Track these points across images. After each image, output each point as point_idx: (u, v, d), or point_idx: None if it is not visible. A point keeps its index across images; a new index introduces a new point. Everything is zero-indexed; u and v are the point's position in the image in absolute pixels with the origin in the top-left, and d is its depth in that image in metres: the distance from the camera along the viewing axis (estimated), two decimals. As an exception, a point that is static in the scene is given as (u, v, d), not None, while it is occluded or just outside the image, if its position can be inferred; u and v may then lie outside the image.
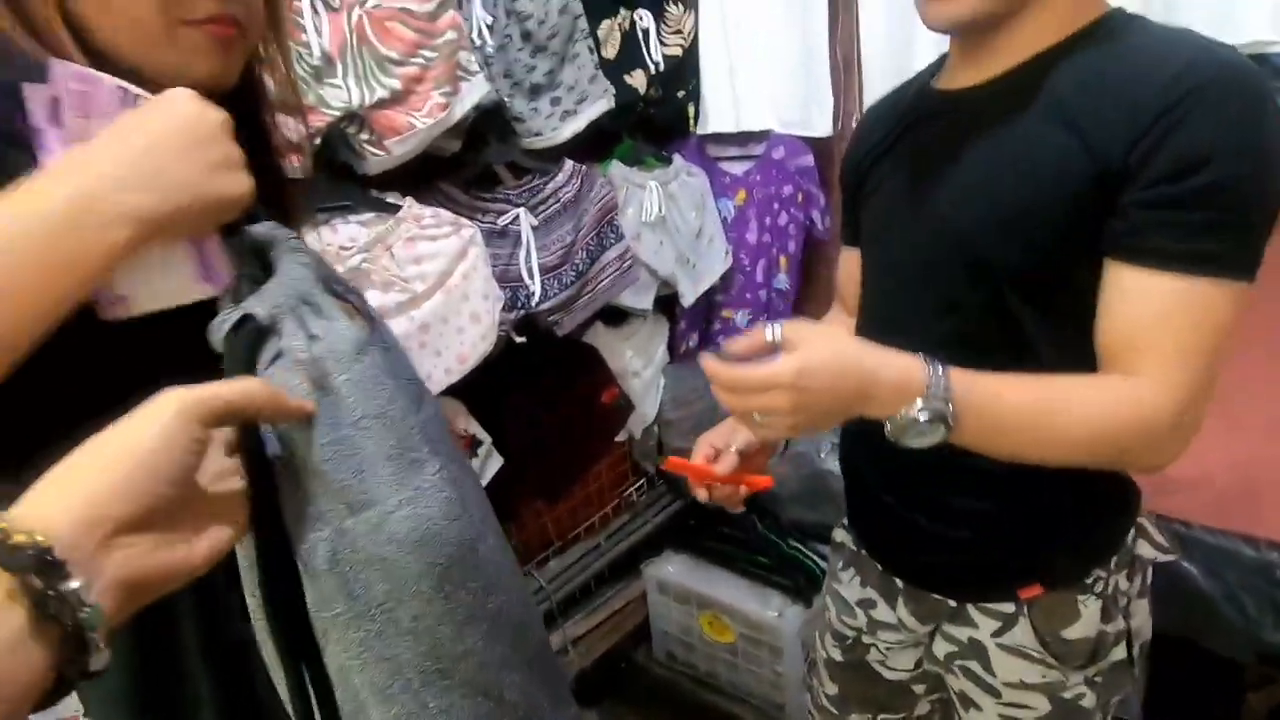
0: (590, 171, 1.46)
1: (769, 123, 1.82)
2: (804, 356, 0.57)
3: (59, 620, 0.29)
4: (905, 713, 0.97)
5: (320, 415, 0.41)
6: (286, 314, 0.42)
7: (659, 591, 1.74)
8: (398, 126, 1.13)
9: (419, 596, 0.43)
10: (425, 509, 0.43)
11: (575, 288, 1.43)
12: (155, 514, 0.34)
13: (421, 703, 0.43)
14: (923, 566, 0.83)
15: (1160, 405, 0.60)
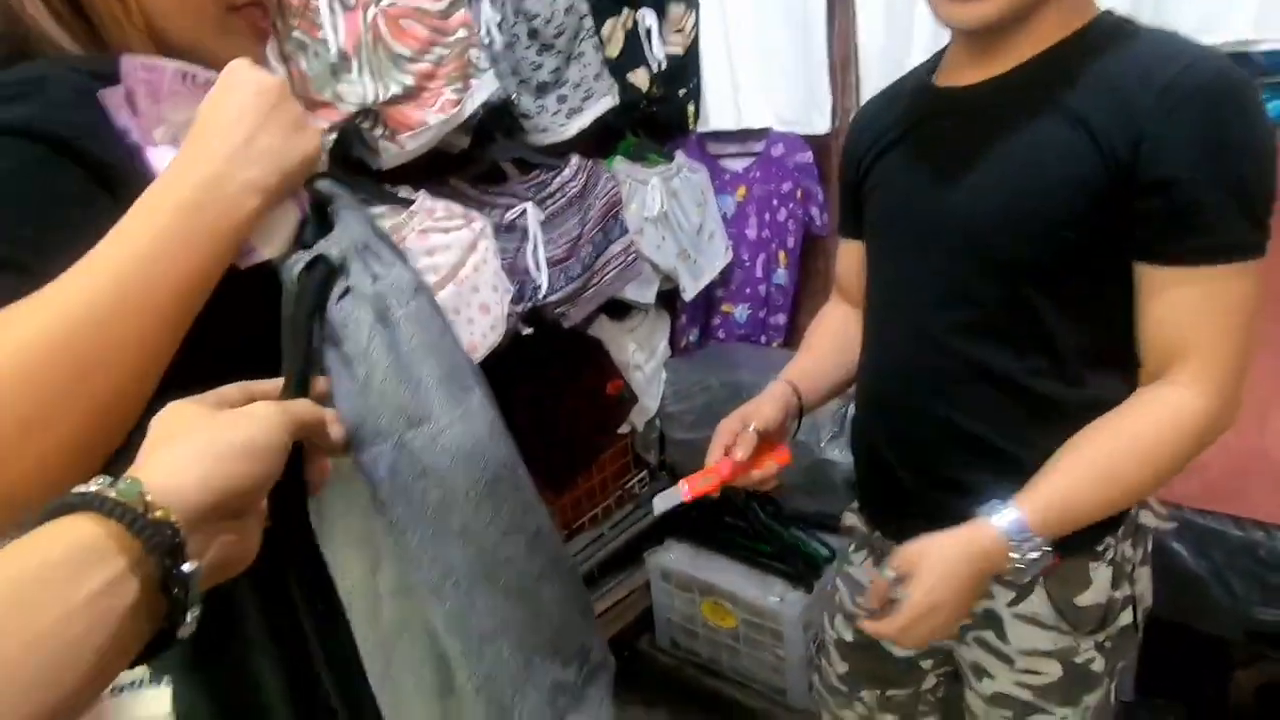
0: (596, 167, 1.49)
1: (768, 120, 1.85)
2: (924, 583, 0.69)
3: (170, 596, 0.30)
4: (913, 688, 1.00)
5: (383, 344, 0.46)
6: (353, 257, 0.47)
7: (662, 579, 1.77)
8: (411, 122, 1.16)
9: (467, 504, 0.48)
10: (474, 427, 0.48)
11: (581, 280, 1.47)
12: (246, 507, 0.36)
13: (470, 601, 0.48)
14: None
15: (1205, 408, 0.67)
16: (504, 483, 0.49)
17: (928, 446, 0.81)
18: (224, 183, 0.42)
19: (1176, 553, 1.20)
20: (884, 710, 1.01)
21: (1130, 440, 0.69)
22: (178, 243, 0.40)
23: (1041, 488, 0.69)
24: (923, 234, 0.78)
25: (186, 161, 0.42)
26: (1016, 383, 0.74)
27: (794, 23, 1.80)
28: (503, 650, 0.50)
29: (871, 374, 0.89)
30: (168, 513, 0.31)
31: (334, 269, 0.46)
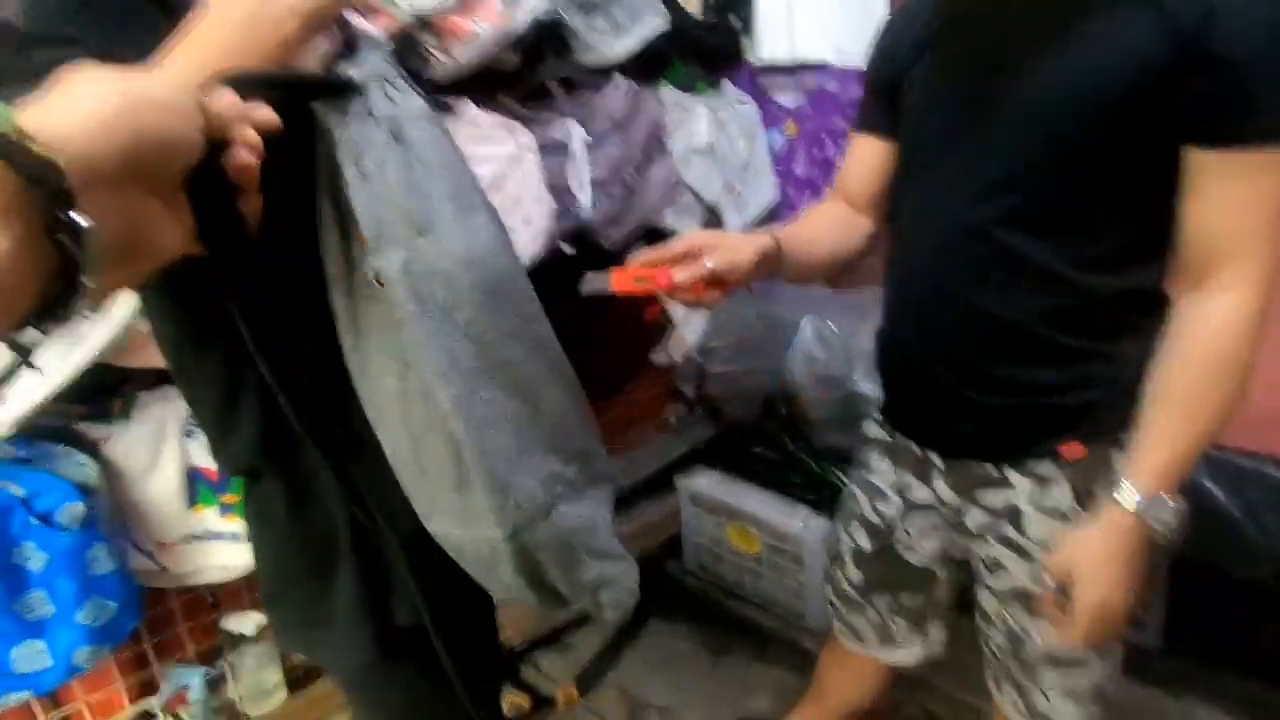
0: (642, 89, 1.51)
1: (825, 54, 1.82)
2: (1086, 585, 0.74)
3: (59, 247, 0.26)
4: (925, 594, 1.02)
5: (396, 159, 0.51)
6: (373, 82, 0.52)
7: (691, 504, 1.83)
8: (462, 32, 1.21)
9: (470, 304, 0.54)
10: (477, 240, 0.54)
11: (623, 202, 1.50)
12: (158, 176, 0.31)
13: (473, 389, 0.54)
14: (963, 437, 0.86)
15: (1257, 308, 0.69)
16: (506, 292, 0.55)
17: (966, 342, 0.82)
18: (270, 4, 0.47)
19: (1209, 492, 1.18)
20: (895, 615, 1.03)
21: (1202, 370, 0.70)
22: (230, 58, 0.45)
23: (1147, 454, 0.73)
24: (976, 119, 0.77)
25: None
26: (1059, 274, 0.75)
27: (853, -51, 1.75)
28: (500, 436, 0.56)
29: (905, 272, 0.88)
30: (49, 150, 0.25)
31: (355, 89, 0.52)
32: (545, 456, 0.59)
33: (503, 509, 0.56)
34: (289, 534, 0.65)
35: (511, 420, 0.56)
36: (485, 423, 0.55)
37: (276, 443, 0.60)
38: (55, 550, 0.94)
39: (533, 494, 0.58)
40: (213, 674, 1.29)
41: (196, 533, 1.13)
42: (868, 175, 0.91)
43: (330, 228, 0.55)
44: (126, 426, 1.06)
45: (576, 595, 0.63)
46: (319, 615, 0.66)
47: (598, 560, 0.63)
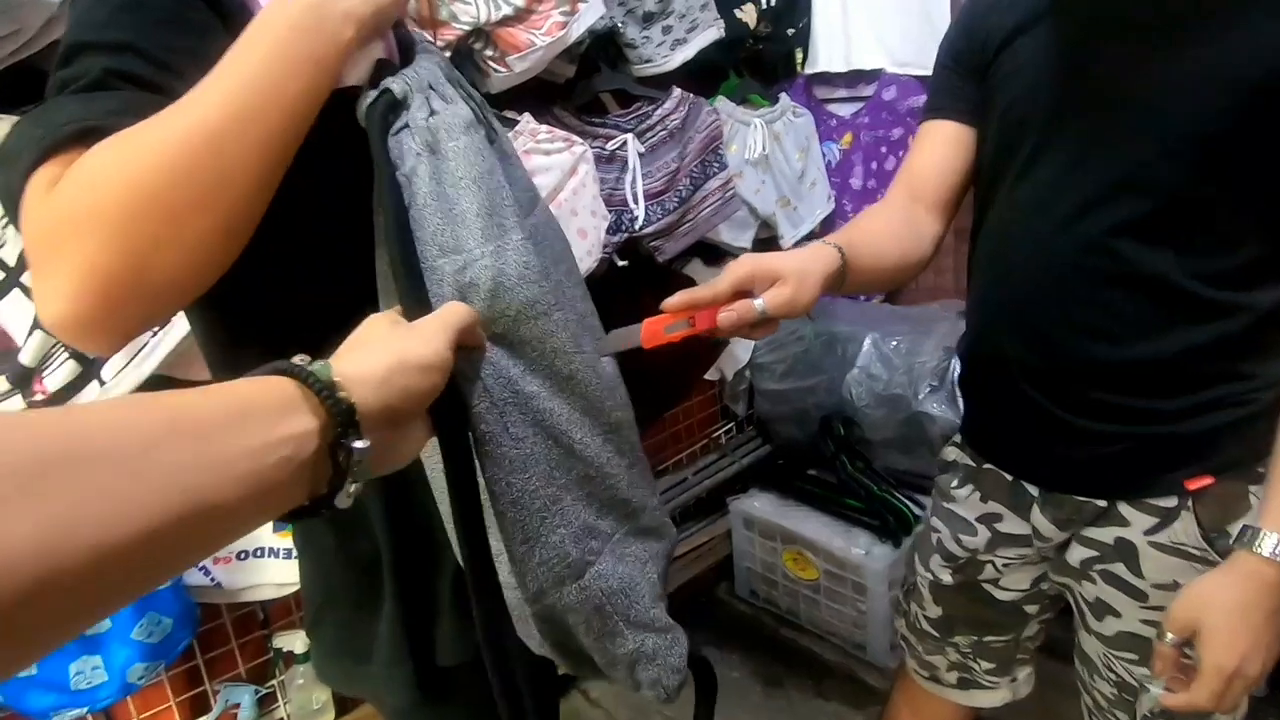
0: (697, 101, 1.48)
1: (880, 62, 1.77)
2: (1221, 640, 0.64)
3: (336, 464, 0.35)
4: (1013, 634, 0.93)
5: (428, 172, 0.48)
6: (415, 93, 0.49)
7: (744, 527, 1.76)
8: (519, 44, 1.19)
9: (490, 334, 0.49)
10: (503, 264, 0.49)
11: (678, 214, 1.46)
12: (409, 416, 0.41)
13: (503, 426, 0.49)
14: (1068, 467, 0.78)
15: None
16: (531, 323, 0.50)
17: (1074, 365, 0.73)
18: (325, 10, 0.45)
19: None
20: (980, 656, 0.95)
21: None
22: (285, 65, 0.43)
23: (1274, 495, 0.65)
24: (1092, 111, 0.69)
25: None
26: (1186, 289, 0.68)
27: (915, -43, 1.71)
28: (530, 481, 0.50)
29: (999, 283, 0.80)
30: (348, 395, 0.35)
31: (395, 102, 0.49)
32: (578, 506, 0.53)
33: (527, 564, 0.51)
34: (332, 560, 0.62)
35: (542, 462, 0.51)
36: (513, 465, 0.50)
37: None
38: (113, 564, 0.94)
39: (563, 550, 0.52)
40: (262, 692, 1.28)
41: (251, 549, 1.11)
42: (944, 168, 0.82)
43: (381, 241, 0.52)
44: (185, 440, 1.05)
45: (611, 669, 0.56)
46: (359, 648, 0.62)
47: (637, 632, 0.55)
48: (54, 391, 0.87)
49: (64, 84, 0.43)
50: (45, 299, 0.39)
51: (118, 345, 0.43)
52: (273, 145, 0.43)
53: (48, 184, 0.39)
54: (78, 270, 0.38)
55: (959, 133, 0.81)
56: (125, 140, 0.39)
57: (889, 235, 0.81)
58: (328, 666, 0.67)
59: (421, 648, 0.60)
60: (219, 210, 0.41)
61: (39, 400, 0.87)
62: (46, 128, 0.40)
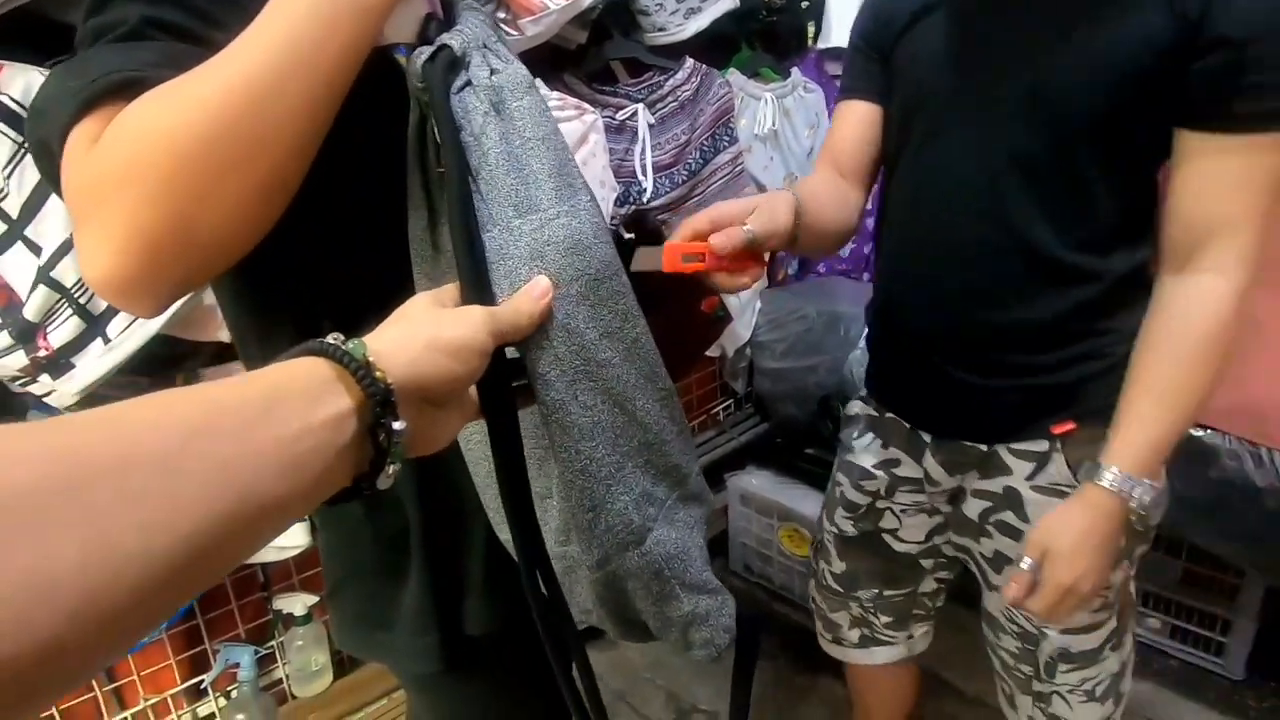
0: (709, 72, 1.46)
1: (894, 39, 1.75)
2: (1062, 560, 0.73)
3: (376, 444, 0.34)
4: (910, 587, 0.99)
5: (497, 133, 0.47)
6: (474, 50, 0.48)
7: (741, 504, 1.78)
8: (532, 6, 1.17)
9: (569, 297, 0.48)
10: (579, 224, 0.48)
11: (686, 188, 1.45)
12: (445, 397, 0.40)
13: (573, 394, 0.48)
14: (957, 415, 0.85)
15: (1237, 289, 0.68)
16: (606, 284, 0.49)
17: (963, 322, 0.80)
18: None
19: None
20: (880, 611, 1.01)
21: (1181, 351, 0.70)
22: (329, 13, 0.41)
23: (1125, 436, 0.72)
24: (979, 95, 0.75)
25: None
26: (1059, 257, 0.75)
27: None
28: (598, 449, 0.50)
29: (903, 245, 0.86)
30: (385, 375, 0.34)
31: (456, 58, 0.47)
32: (639, 473, 0.53)
33: (593, 532, 0.51)
34: (356, 528, 0.61)
35: (608, 430, 0.50)
36: (582, 433, 0.49)
37: None
38: (117, 523, 0.93)
39: (627, 516, 0.51)
40: (262, 653, 1.29)
41: (253, 511, 1.11)
42: (860, 144, 0.87)
43: (418, 206, 0.51)
44: (188, 401, 1.04)
45: (664, 632, 0.56)
46: (383, 617, 0.62)
47: (692, 594, 0.55)
48: (58, 347, 0.86)
49: (98, 32, 0.41)
50: (90, 257, 0.38)
51: (160, 308, 0.42)
52: (316, 100, 0.41)
53: (89, 139, 0.38)
54: (124, 227, 0.37)
55: (870, 112, 0.86)
56: (167, 94, 0.38)
57: (827, 199, 0.84)
58: (348, 633, 0.66)
59: (448, 617, 0.60)
60: (262, 167, 0.40)
61: (42, 356, 0.85)
62: (84, 80, 0.38)
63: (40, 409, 0.93)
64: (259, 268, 0.45)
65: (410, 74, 0.47)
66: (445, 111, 0.46)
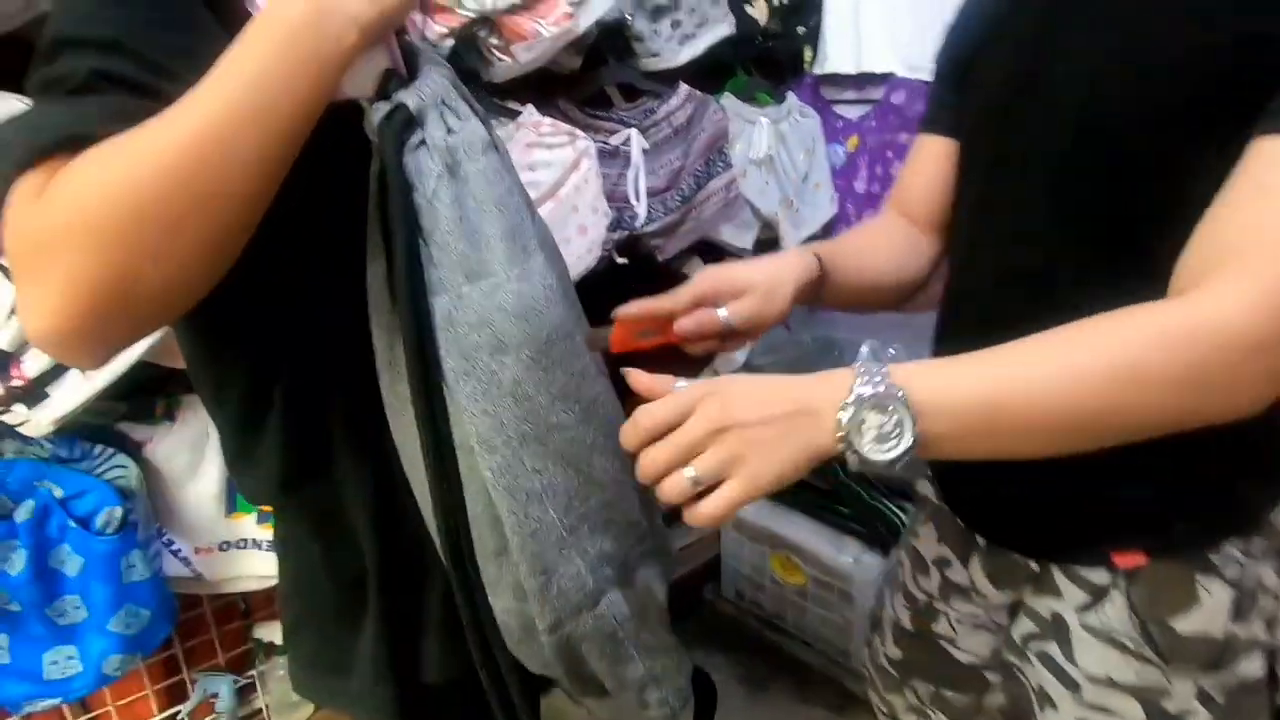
0: (704, 98, 1.46)
1: (891, 65, 1.75)
2: (711, 382, 0.47)
3: None
4: (972, 695, 0.82)
5: (449, 196, 0.46)
6: (430, 109, 0.47)
7: (733, 529, 1.76)
8: (525, 33, 1.16)
9: (520, 362, 0.47)
10: (529, 288, 0.48)
11: (680, 213, 1.44)
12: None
13: (519, 458, 0.48)
14: (1007, 518, 0.69)
15: (1237, 310, 0.44)
16: (558, 347, 0.49)
17: None
18: (330, 11, 0.42)
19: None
20: (938, 708, 0.86)
21: (1109, 328, 0.47)
22: (287, 67, 0.41)
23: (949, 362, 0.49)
24: (1031, 129, 0.62)
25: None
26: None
27: (930, -41, 1.69)
28: (549, 511, 0.49)
29: (951, 307, 0.74)
30: None
31: (411, 118, 0.46)
32: (596, 535, 0.52)
33: (545, 596, 0.50)
34: (315, 566, 0.60)
35: (560, 493, 0.49)
36: (531, 497, 0.48)
37: (302, 477, 0.55)
38: (91, 555, 0.91)
39: (580, 580, 0.51)
40: (241, 682, 1.26)
41: (233, 540, 1.09)
42: (931, 185, 0.75)
43: (375, 255, 0.50)
44: (169, 429, 1.03)
45: (620, 692, 0.56)
46: (339, 662, 0.60)
47: (647, 656, 0.55)
48: (33, 377, 0.84)
49: (48, 83, 0.40)
50: (30, 312, 0.37)
51: (102, 361, 0.41)
52: (270, 156, 0.40)
53: (33, 192, 0.37)
54: (67, 284, 0.36)
55: (943, 147, 0.74)
56: (117, 148, 0.37)
57: (882, 249, 0.75)
58: (304, 678, 0.65)
59: (406, 665, 0.59)
60: (212, 221, 0.39)
61: (16, 386, 0.84)
62: (32, 133, 0.38)
63: (14, 437, 0.91)
64: (213, 312, 0.44)
65: (368, 125, 0.47)
66: (397, 174, 0.45)
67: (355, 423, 0.54)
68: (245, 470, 0.57)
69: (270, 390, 0.53)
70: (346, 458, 0.55)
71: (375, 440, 0.54)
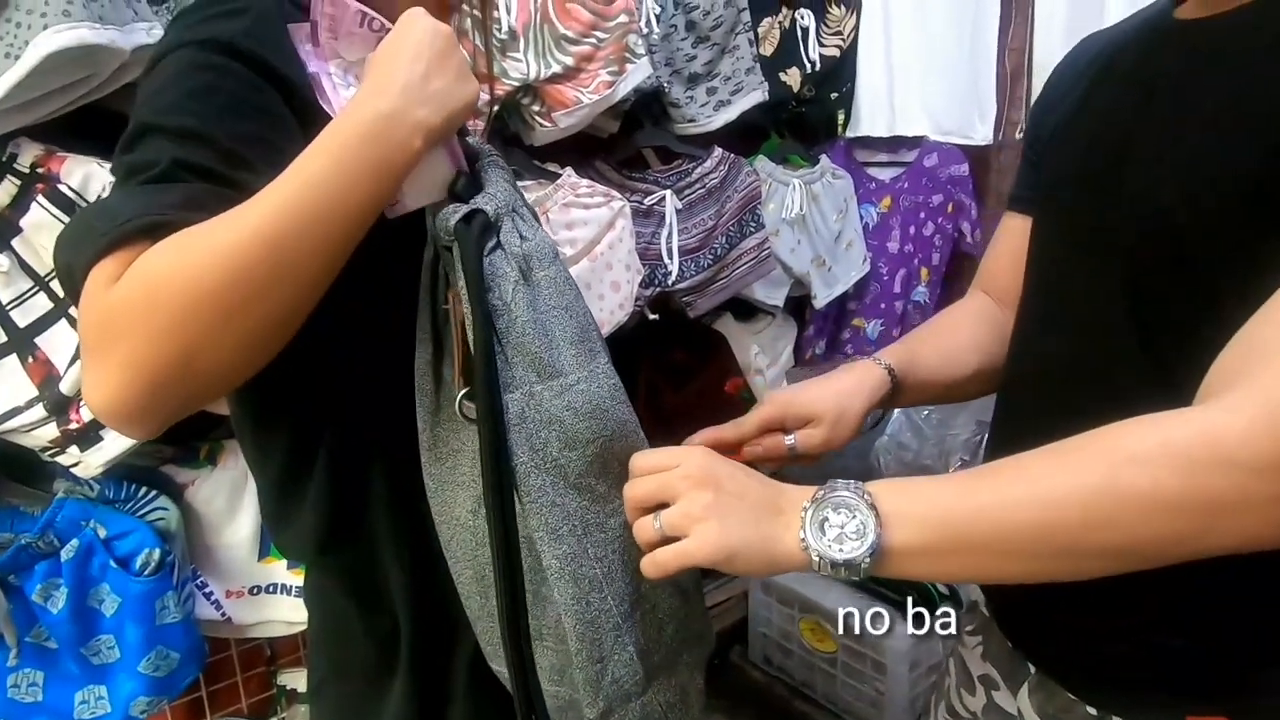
0: (737, 160, 1.49)
1: (923, 129, 1.78)
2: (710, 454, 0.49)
3: None
4: None
5: (525, 300, 0.49)
6: (505, 215, 0.50)
7: (762, 591, 1.72)
8: (566, 100, 1.22)
9: (584, 457, 0.49)
10: (597, 388, 0.50)
11: (711, 271, 1.46)
12: None
13: (584, 547, 0.49)
14: (1059, 647, 0.62)
15: (1231, 428, 0.41)
16: (620, 442, 0.51)
17: None
18: (398, 118, 0.44)
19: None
20: None
21: (1104, 442, 0.44)
22: (352, 171, 0.43)
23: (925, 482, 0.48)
24: (1094, 216, 0.58)
25: (367, 95, 0.45)
26: None
27: (962, 28, 1.73)
28: (608, 599, 0.50)
29: (1006, 403, 0.69)
30: None
31: (490, 223, 0.49)
32: (646, 621, 0.53)
33: (599, 685, 0.50)
34: (344, 625, 0.61)
35: (618, 580, 0.51)
36: (593, 584, 0.49)
37: (338, 539, 0.57)
38: (129, 595, 0.94)
39: (633, 667, 0.51)
40: (262, 730, 1.26)
41: (264, 584, 1.11)
42: (1016, 263, 0.70)
43: (424, 340, 0.53)
44: (210, 472, 1.06)
45: None
46: (364, 718, 0.60)
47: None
48: (88, 421, 0.88)
49: (130, 170, 0.43)
50: (92, 389, 0.40)
51: (156, 431, 0.43)
52: (330, 253, 0.43)
53: (108, 279, 0.40)
54: (127, 367, 0.39)
55: (1027, 225, 0.71)
56: (185, 241, 0.40)
57: (965, 342, 0.73)
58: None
59: None
60: (270, 310, 0.42)
61: (73, 428, 0.88)
62: (111, 221, 0.41)
63: (67, 477, 0.95)
64: (261, 382, 0.46)
65: (438, 224, 0.49)
66: (477, 277, 0.47)
67: (394, 490, 0.56)
68: (283, 529, 0.59)
69: (313, 455, 0.54)
70: (383, 522, 0.56)
71: (412, 506, 0.55)
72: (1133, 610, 0.55)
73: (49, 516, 0.92)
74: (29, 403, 0.87)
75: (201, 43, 0.45)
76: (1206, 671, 0.55)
